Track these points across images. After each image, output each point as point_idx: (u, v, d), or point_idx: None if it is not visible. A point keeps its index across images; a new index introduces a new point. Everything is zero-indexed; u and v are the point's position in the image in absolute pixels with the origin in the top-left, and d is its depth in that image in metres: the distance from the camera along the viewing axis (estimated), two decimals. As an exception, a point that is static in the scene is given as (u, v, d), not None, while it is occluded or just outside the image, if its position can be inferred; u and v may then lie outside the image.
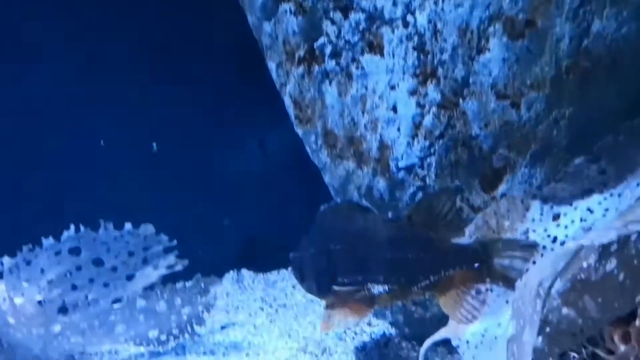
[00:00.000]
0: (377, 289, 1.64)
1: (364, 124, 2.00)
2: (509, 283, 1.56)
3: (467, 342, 1.71)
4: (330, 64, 1.99)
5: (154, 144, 2.62)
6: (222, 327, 2.44)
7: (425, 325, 2.14)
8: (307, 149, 2.20)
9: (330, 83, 2.03)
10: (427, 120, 1.86)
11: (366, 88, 1.97)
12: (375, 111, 1.96)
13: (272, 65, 2.19)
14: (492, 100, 1.75)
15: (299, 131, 2.18)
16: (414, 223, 1.60)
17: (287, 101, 2.17)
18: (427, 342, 1.82)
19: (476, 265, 1.58)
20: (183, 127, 2.72)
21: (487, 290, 1.62)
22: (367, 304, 1.68)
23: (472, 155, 1.83)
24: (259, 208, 2.78)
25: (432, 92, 1.83)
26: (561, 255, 1.21)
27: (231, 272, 2.89)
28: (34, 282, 1.98)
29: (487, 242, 1.61)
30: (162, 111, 2.71)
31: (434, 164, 1.90)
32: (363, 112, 2.00)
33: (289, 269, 1.88)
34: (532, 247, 1.58)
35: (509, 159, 1.80)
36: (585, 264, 1.20)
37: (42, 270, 2.00)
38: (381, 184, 2.02)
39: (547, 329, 1.23)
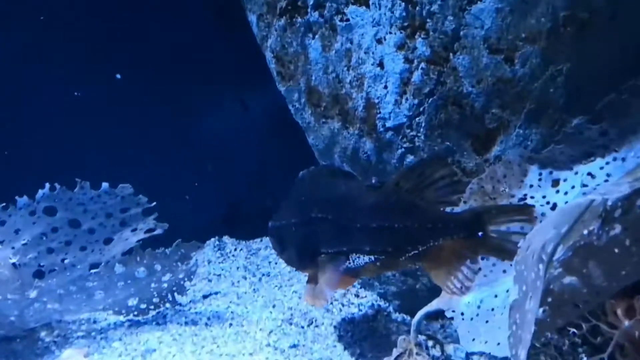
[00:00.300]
0: (363, 259, 1.63)
1: (349, 80, 1.94)
2: (505, 254, 1.54)
3: (462, 314, 1.67)
4: (313, 15, 1.92)
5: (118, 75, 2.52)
6: (204, 296, 2.40)
7: (416, 296, 2.10)
8: (290, 107, 2.14)
9: (313, 37, 1.96)
10: (416, 76, 1.79)
11: (351, 42, 1.90)
12: (361, 67, 1.90)
13: (252, 18, 2.12)
14: (485, 55, 1.68)
15: (282, 88, 2.11)
16: (401, 190, 1.57)
17: (269, 56, 2.10)
18: (420, 314, 1.78)
19: (468, 234, 1.55)
20: (161, 87, 2.64)
21: (479, 260, 1.60)
22: (352, 275, 1.66)
23: (463, 114, 1.77)
24: (241, 171, 2.72)
25: (421, 46, 1.76)
26: (566, 214, 1.15)
27: (212, 239, 2.84)
28: (8, 243, 1.94)
29: (481, 210, 1.58)
30: (139, 69, 2.63)
31: (423, 124, 1.84)
32: (348, 68, 1.93)
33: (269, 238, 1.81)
34: (527, 210, 1.53)
35: (503, 118, 1.74)
36: (588, 230, 1.15)
37: (17, 231, 1.95)
38: (368, 145, 1.96)
39: (549, 299, 1.18)
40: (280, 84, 2.10)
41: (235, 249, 2.77)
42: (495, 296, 1.65)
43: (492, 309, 1.63)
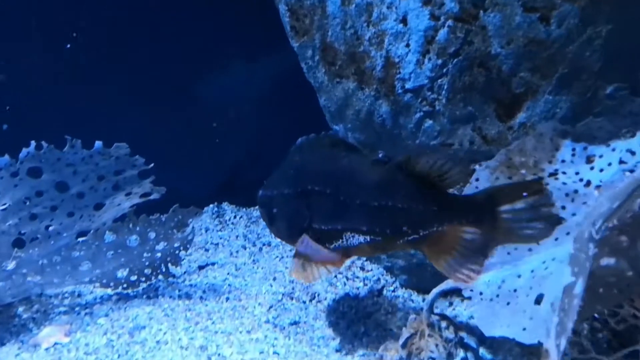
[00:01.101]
0: (357, 238, 1.59)
1: (368, 37, 1.88)
2: (519, 238, 1.49)
3: (481, 293, 1.64)
4: (331, -35, 1.86)
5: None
6: (200, 267, 2.35)
7: (425, 271, 2.07)
8: (303, 65, 2.08)
9: (331, -12, 1.90)
10: (441, 34, 1.74)
11: (373, -4, 1.84)
12: (382, 23, 1.84)
13: (263, -33, 2.04)
14: (518, 12, 1.63)
15: (294, 44, 2.05)
16: (407, 169, 1.52)
17: (282, 9, 2.03)
18: (434, 292, 1.75)
19: (477, 218, 1.50)
20: (161, 43, 2.56)
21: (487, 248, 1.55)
22: (343, 254, 1.63)
23: (489, 77, 1.73)
24: (245, 134, 2.65)
25: (449, 2, 1.70)
26: (622, 189, 1.11)
27: (211, 205, 2.78)
28: (-15, 209, 1.86)
29: (492, 191, 1.53)
30: (138, 23, 2.54)
31: (445, 86, 1.79)
32: (368, 24, 1.88)
33: (260, 208, 1.78)
34: (536, 184, 1.48)
35: (531, 83, 1.69)
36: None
37: (-5, 195, 1.87)
38: (384, 108, 1.92)
39: (591, 282, 1.15)
40: (294, 39, 2.04)
41: (235, 217, 2.72)
42: (519, 276, 1.62)
43: (515, 290, 1.60)
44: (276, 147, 1.85)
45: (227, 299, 2.13)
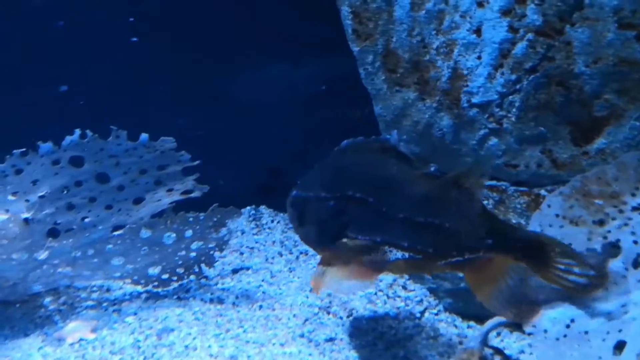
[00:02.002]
0: (395, 254, 1.45)
1: (436, 46, 1.72)
2: (560, 284, 1.39)
3: (545, 330, 1.45)
4: (406, -33, 1.69)
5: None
6: (234, 271, 2.19)
7: (473, 297, 1.88)
8: (361, 70, 1.92)
9: (402, -9, 1.73)
10: (519, 48, 1.57)
11: (446, 2, 1.68)
12: (452, 32, 1.68)
13: (330, -34, 1.88)
14: (611, 29, 1.46)
15: (355, 48, 1.89)
16: (461, 186, 1.36)
17: (345, 11, 1.87)
18: (491, 322, 1.57)
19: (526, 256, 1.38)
20: (206, 40, 2.41)
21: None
22: (375, 269, 1.46)
23: (568, 97, 1.56)
24: (288, 137, 2.48)
25: (532, 14, 1.54)
26: None
27: (248, 207, 2.61)
28: (23, 195, 1.70)
29: (547, 241, 1.40)
30: (188, 21, 2.40)
31: (517, 104, 1.62)
32: (437, 32, 1.71)
33: (290, 209, 1.61)
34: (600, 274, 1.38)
35: (617, 106, 1.52)
36: None
37: (35, 182, 1.71)
38: (445, 121, 1.75)
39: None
40: (354, 43, 1.88)
41: (272, 221, 2.55)
42: (592, 317, 1.44)
43: (586, 332, 1.42)
44: (320, 154, 1.68)
45: (261, 307, 1.97)
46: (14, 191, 1.69)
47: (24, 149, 1.67)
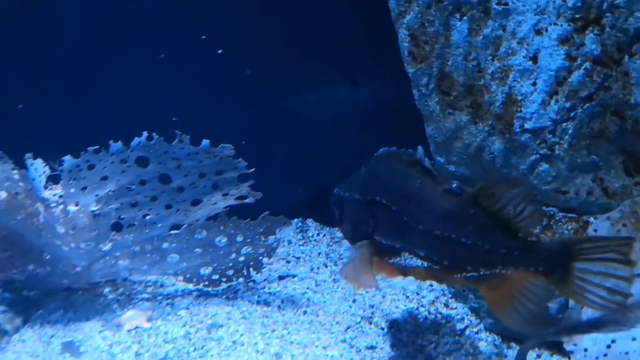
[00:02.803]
0: (415, 260, 1.44)
1: (491, 71, 1.72)
2: (583, 301, 1.32)
3: (585, 350, 1.43)
4: (467, -6, 1.70)
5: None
6: (280, 277, 2.20)
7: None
8: (414, 92, 1.92)
9: (461, 18, 1.74)
10: (575, 77, 1.57)
11: (504, 29, 1.68)
12: (509, 58, 1.68)
13: (391, -10, 1.90)
14: (671, 62, 1.44)
15: (410, 70, 1.90)
16: (479, 204, 1.35)
17: (402, 34, 1.89)
18: (531, 342, 1.54)
19: (547, 269, 1.33)
20: (267, 55, 2.45)
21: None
22: (399, 270, 1.49)
23: (622, 127, 1.55)
24: (340, 154, 2.49)
25: (591, 44, 1.53)
26: None
27: (295, 219, 2.62)
28: (93, 190, 1.76)
29: (570, 242, 1.36)
30: (246, 37, 2.45)
31: (570, 131, 1.61)
32: (493, 58, 1.71)
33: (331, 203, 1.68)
34: (626, 245, 1.28)
35: (672, 139, 1.50)
36: None
37: (104, 178, 1.76)
38: (497, 145, 1.74)
39: None
40: (410, 65, 1.89)
41: (318, 234, 2.57)
42: (634, 339, 1.41)
43: (627, 353, 1.39)
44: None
45: (305, 312, 1.98)
46: (85, 185, 1.73)
47: (97, 147, 1.72)
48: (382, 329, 1.90)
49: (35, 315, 1.94)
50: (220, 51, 2.36)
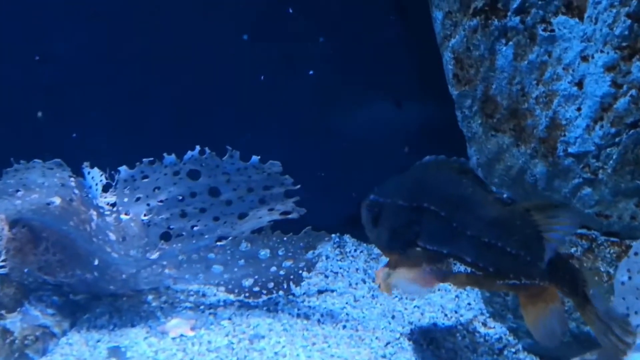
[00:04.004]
0: (459, 267, 1.52)
1: (535, 95, 1.76)
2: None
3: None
4: (513, 20, 1.75)
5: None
6: (319, 291, 2.25)
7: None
8: (458, 113, 1.97)
9: (506, 42, 1.79)
10: (621, 103, 1.60)
11: (549, 55, 1.72)
12: (554, 83, 1.72)
13: (437, 15, 1.96)
14: None
15: (454, 92, 1.95)
16: (529, 217, 1.43)
17: (447, 56, 1.94)
18: (577, 362, 1.58)
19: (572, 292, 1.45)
20: (314, 73, 2.52)
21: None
22: (439, 278, 1.54)
23: (666, 154, 1.57)
24: (380, 173, 2.54)
25: (637, 71, 1.57)
26: None
27: (333, 235, 2.68)
28: (145, 199, 1.83)
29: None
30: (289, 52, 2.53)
31: (614, 156, 1.65)
32: (538, 83, 1.76)
33: (365, 212, 1.67)
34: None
35: None
36: None
37: (157, 189, 1.84)
38: (539, 168, 1.78)
39: None
40: (454, 87, 1.94)
41: (356, 250, 2.62)
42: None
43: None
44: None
45: (344, 326, 2.03)
46: (138, 195, 1.81)
47: (152, 158, 1.80)
48: (421, 345, 1.94)
49: (82, 319, 2.01)
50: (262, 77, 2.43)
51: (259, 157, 1.88)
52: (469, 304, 2.16)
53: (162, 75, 2.40)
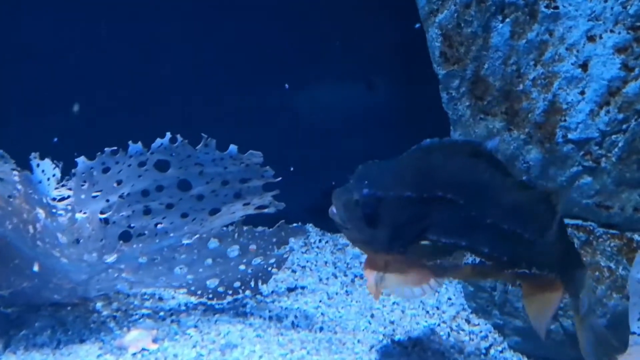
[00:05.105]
0: (466, 259, 1.41)
1: (532, 77, 1.68)
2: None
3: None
4: (513, -6, 1.65)
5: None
6: (289, 289, 2.11)
7: (546, 338, 1.81)
8: (444, 95, 1.87)
9: (503, 20, 1.70)
10: (631, 88, 1.54)
11: (551, 34, 1.64)
12: (555, 64, 1.65)
13: (422, -14, 1.83)
14: None
15: (440, 71, 1.84)
16: (550, 200, 1.36)
17: (433, 33, 1.83)
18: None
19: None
20: (274, 54, 2.36)
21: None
22: (438, 273, 1.43)
23: (678, 142, 1.53)
24: (343, 159, 2.40)
25: (651, 54, 1.50)
26: None
27: (294, 224, 2.52)
28: (105, 195, 1.61)
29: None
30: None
31: (620, 144, 1.59)
32: (536, 63, 1.67)
33: (356, 208, 1.40)
34: None
35: None
36: None
37: (118, 182, 1.62)
38: (533, 154, 1.71)
39: None
40: (441, 66, 1.83)
41: (320, 241, 2.49)
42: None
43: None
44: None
45: (321, 328, 1.91)
46: (97, 190, 1.59)
47: (114, 148, 1.58)
48: (406, 348, 1.84)
49: (17, 337, 1.73)
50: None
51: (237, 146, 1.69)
52: (449, 298, 2.08)
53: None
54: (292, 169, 2.34)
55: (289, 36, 2.37)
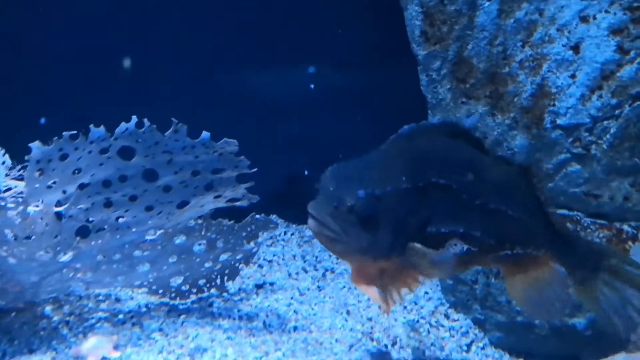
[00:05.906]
0: (460, 247, 1.28)
1: (520, 59, 1.63)
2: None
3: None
4: (502, -29, 1.59)
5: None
6: (257, 286, 2.01)
7: (530, 334, 1.78)
8: (422, 77, 1.80)
9: (491, -3, 1.63)
10: (626, 71, 1.51)
11: (541, 14, 1.59)
12: (544, 46, 1.60)
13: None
14: None
15: (420, 52, 1.77)
16: (531, 178, 1.34)
17: (413, 10, 1.76)
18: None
19: (573, 265, 1.36)
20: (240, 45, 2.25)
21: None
22: (428, 274, 1.34)
23: (673, 129, 1.50)
24: (309, 147, 2.31)
25: (648, 36, 1.47)
26: None
27: (257, 215, 2.41)
28: (61, 185, 1.46)
29: (606, 251, 1.38)
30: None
31: (612, 130, 1.55)
32: (524, 44, 1.62)
33: (349, 216, 1.24)
34: None
35: None
36: None
37: (77, 171, 1.47)
38: (519, 140, 1.66)
39: None
40: (421, 46, 1.76)
41: (286, 233, 2.39)
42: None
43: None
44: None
45: (295, 328, 1.82)
46: (53, 180, 1.44)
47: (74, 132, 1.42)
48: (385, 346, 1.77)
49: None
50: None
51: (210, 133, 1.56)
52: (426, 292, 2.02)
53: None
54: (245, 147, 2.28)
55: (256, 16, 2.26)
